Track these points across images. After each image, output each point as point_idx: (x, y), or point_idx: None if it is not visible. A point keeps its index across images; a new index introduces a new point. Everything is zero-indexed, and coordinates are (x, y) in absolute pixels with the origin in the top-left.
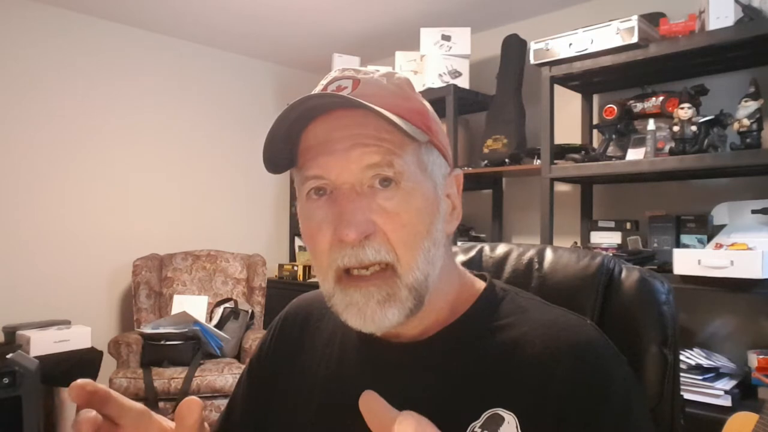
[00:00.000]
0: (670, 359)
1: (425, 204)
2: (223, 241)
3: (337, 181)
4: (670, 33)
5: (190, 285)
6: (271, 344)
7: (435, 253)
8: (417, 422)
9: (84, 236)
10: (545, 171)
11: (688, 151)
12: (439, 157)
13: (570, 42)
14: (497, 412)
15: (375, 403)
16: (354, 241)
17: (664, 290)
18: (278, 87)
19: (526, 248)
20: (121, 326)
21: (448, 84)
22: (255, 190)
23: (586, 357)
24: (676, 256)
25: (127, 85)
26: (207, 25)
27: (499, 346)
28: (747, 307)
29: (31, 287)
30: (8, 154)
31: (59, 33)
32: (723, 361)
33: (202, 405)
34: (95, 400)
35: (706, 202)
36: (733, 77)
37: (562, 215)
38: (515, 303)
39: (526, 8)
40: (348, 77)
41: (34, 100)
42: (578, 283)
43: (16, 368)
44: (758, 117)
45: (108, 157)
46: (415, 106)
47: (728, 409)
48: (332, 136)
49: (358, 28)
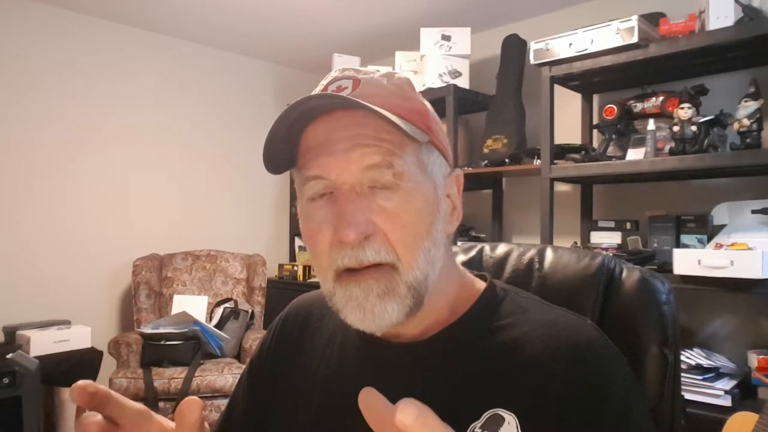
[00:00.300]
0: (671, 359)
1: (425, 204)
2: (223, 241)
3: (337, 181)
4: (670, 33)
5: (190, 285)
6: (272, 344)
7: (435, 254)
8: (419, 410)
9: (84, 236)
10: (545, 171)
11: (688, 151)
12: (439, 157)
13: (570, 42)
14: (497, 413)
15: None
16: (354, 241)
17: (665, 290)
18: (278, 87)
19: (527, 248)
20: (121, 326)
21: (448, 84)
22: (255, 190)
23: (586, 357)
24: (676, 256)
25: (127, 85)
26: (207, 25)
27: (499, 346)
28: (747, 307)
29: (31, 287)
30: (8, 154)
31: (59, 33)
32: (723, 361)
33: (202, 405)
34: (96, 401)
35: (706, 202)
36: (733, 77)
37: (562, 215)
38: (515, 303)
39: (526, 8)
40: (348, 77)
41: (34, 100)
42: (579, 283)
43: (16, 368)
44: (758, 117)
45: (108, 157)
46: (416, 106)
47: (728, 409)
48: (332, 136)
49: (358, 28)
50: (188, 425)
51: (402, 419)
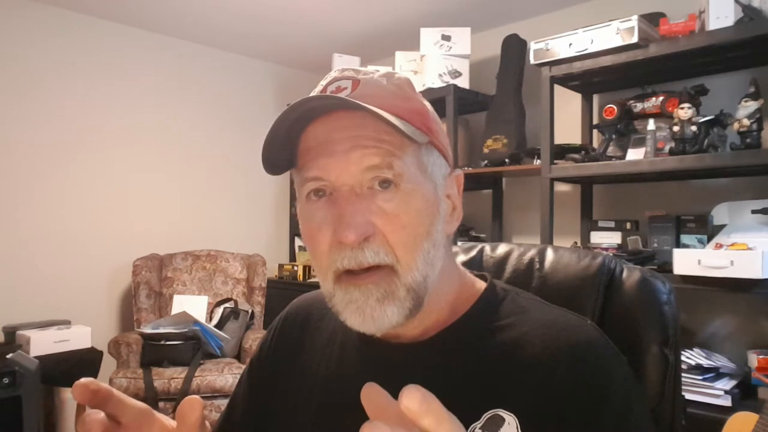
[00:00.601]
0: (671, 359)
1: (425, 205)
2: (223, 241)
3: (336, 182)
4: (670, 33)
5: (190, 285)
6: (272, 344)
7: (435, 255)
8: (423, 395)
9: (84, 236)
10: (545, 171)
11: (688, 151)
12: (439, 157)
13: (570, 42)
14: (498, 413)
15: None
16: (353, 243)
17: (666, 290)
18: (278, 87)
19: (527, 248)
20: (121, 326)
21: (448, 84)
22: (255, 190)
23: (586, 357)
24: (676, 256)
25: (127, 85)
26: (207, 25)
27: (499, 347)
28: (747, 307)
29: (31, 287)
30: (8, 154)
31: (59, 33)
32: (723, 361)
33: (204, 404)
34: (98, 398)
35: (706, 202)
36: (733, 77)
37: (562, 215)
38: (516, 303)
39: (526, 8)
40: (348, 77)
41: (34, 100)
42: (579, 283)
43: (16, 368)
44: (758, 117)
45: (108, 157)
46: (415, 106)
47: (728, 409)
48: (332, 137)
49: (358, 28)
50: (189, 424)
51: (407, 404)
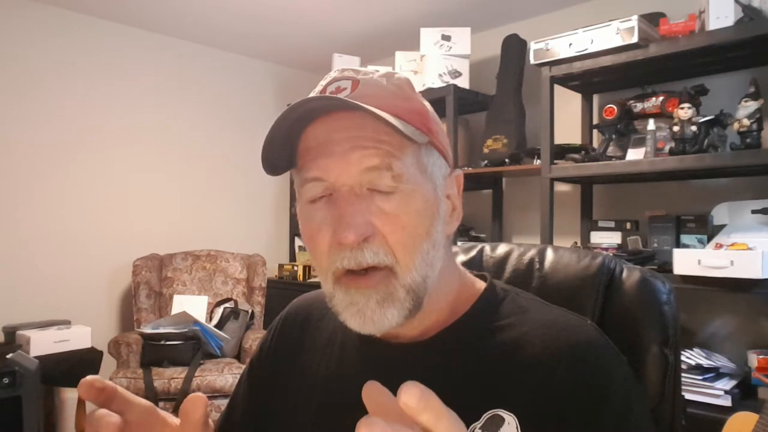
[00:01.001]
0: (671, 359)
1: (425, 206)
2: (223, 241)
3: (336, 183)
4: (670, 33)
5: (190, 285)
6: (272, 344)
7: (434, 255)
8: (421, 391)
9: (84, 236)
10: (545, 171)
11: (688, 151)
12: (439, 158)
13: (570, 42)
14: (498, 413)
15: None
16: (353, 243)
17: (666, 290)
18: (278, 87)
19: (527, 248)
20: (121, 326)
21: (448, 84)
22: (255, 190)
23: (586, 357)
24: (676, 256)
25: (127, 85)
26: (207, 25)
27: (499, 347)
28: (747, 307)
29: (31, 287)
30: (8, 154)
31: (59, 33)
32: (723, 361)
33: (207, 401)
34: (103, 396)
35: (706, 202)
36: (733, 77)
37: (562, 215)
38: (516, 303)
39: (526, 8)
40: (347, 78)
41: (34, 100)
42: (579, 283)
43: (16, 368)
44: (758, 117)
45: (108, 157)
46: (415, 106)
47: (728, 409)
48: (331, 137)
49: (358, 28)
50: (193, 422)
51: (406, 400)
